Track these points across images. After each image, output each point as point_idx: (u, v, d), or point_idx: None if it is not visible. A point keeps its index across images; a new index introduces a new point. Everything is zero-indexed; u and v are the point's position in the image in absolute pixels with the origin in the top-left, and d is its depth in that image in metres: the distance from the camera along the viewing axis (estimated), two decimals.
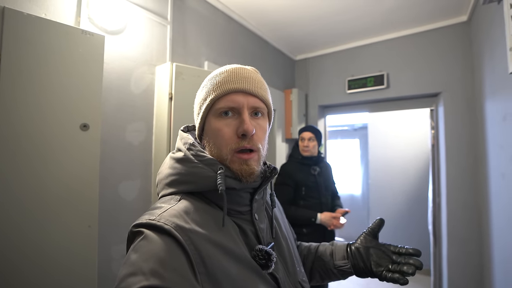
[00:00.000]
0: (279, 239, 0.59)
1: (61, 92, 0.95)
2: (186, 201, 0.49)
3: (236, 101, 0.52)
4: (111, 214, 1.28)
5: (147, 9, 1.45)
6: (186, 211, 0.47)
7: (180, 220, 0.44)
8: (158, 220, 0.43)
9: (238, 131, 0.51)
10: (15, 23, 0.85)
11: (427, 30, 2.27)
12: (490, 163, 1.67)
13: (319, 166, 1.93)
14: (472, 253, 2.02)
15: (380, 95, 2.48)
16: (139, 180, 1.41)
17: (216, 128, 0.52)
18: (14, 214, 0.84)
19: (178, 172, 0.52)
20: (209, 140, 0.55)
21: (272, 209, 0.61)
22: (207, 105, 0.54)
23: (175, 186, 0.52)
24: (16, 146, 0.85)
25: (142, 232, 0.43)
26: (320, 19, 2.17)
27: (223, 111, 0.52)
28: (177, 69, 1.39)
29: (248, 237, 0.52)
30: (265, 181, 0.56)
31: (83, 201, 0.99)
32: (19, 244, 0.84)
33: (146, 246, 0.40)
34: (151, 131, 1.46)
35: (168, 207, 0.47)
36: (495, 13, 1.46)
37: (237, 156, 0.51)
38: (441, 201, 2.34)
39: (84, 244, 0.98)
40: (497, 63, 1.48)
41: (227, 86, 0.52)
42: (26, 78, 0.87)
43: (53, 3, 1.09)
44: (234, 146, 0.51)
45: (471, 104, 2.07)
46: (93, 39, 1.02)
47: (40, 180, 0.89)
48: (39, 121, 0.90)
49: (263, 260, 0.49)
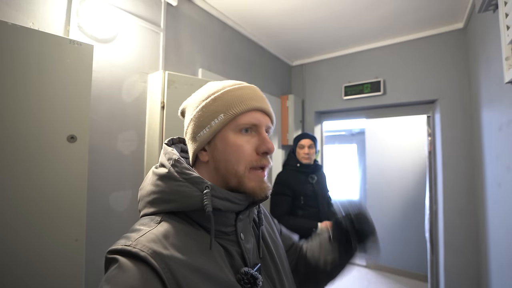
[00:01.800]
0: (267, 259, 0.57)
1: (47, 104, 0.92)
2: (166, 223, 0.47)
3: (258, 119, 0.52)
4: (101, 225, 1.25)
5: (139, 16, 1.44)
6: (165, 235, 0.45)
7: (158, 245, 0.42)
8: (133, 246, 0.41)
9: (261, 149, 0.51)
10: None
11: (424, 36, 2.27)
12: (487, 172, 1.66)
13: (316, 175, 1.90)
14: (469, 260, 2.00)
15: (377, 102, 2.47)
16: (131, 190, 1.38)
17: (237, 144, 0.51)
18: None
19: (161, 190, 0.50)
20: (218, 155, 0.52)
21: (259, 228, 0.59)
22: (227, 118, 0.51)
23: (158, 205, 0.50)
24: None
25: (116, 259, 0.40)
26: (316, 24, 2.16)
27: (244, 128, 0.52)
28: (170, 77, 1.37)
29: (234, 259, 0.50)
30: (251, 205, 0.54)
31: (69, 214, 0.96)
32: (1, 258, 0.81)
33: (119, 276, 0.38)
34: (143, 140, 1.44)
35: (147, 230, 0.45)
36: (491, 21, 1.45)
37: (256, 173, 0.51)
38: (438, 208, 2.32)
39: (70, 258, 0.95)
40: (493, 72, 1.47)
41: (252, 102, 0.52)
42: (10, 89, 0.85)
43: (41, 12, 1.07)
44: (255, 163, 0.51)
45: (468, 112, 2.06)
46: (81, 49, 1.00)
47: (23, 194, 0.87)
48: (24, 133, 0.88)
49: (248, 284, 0.47)
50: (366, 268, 3.58)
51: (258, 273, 0.50)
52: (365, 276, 3.39)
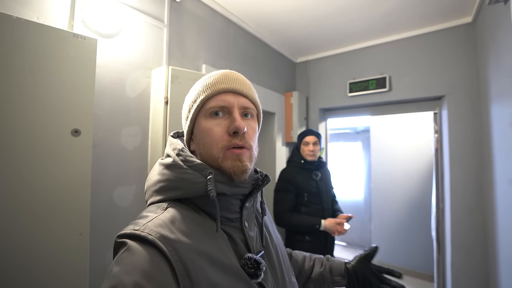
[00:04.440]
0: (269, 248, 0.59)
1: (51, 97, 0.92)
2: (173, 209, 0.48)
3: (226, 100, 0.52)
4: (105, 220, 1.25)
5: (143, 12, 1.43)
6: (172, 220, 0.46)
7: (165, 230, 0.43)
8: (142, 230, 0.43)
9: (230, 129, 0.51)
10: (2, 27, 0.83)
11: (431, 31, 2.22)
12: (496, 169, 1.62)
13: (320, 171, 1.89)
14: (477, 260, 1.96)
15: (382, 98, 2.44)
16: (135, 185, 1.38)
17: (206, 128, 0.52)
18: (1, 221, 0.81)
19: (167, 178, 0.51)
20: (198, 142, 0.54)
21: (262, 217, 0.61)
22: (197, 106, 0.53)
23: (164, 193, 0.51)
24: (3, 152, 0.83)
25: (125, 243, 0.42)
26: (321, 20, 2.13)
27: (213, 111, 0.52)
28: (173, 73, 1.36)
29: (238, 245, 0.52)
30: (257, 189, 0.55)
31: (73, 208, 0.96)
32: (6, 252, 0.82)
33: (129, 258, 0.39)
34: (146, 135, 1.43)
35: (154, 216, 0.46)
36: (501, 13, 1.42)
37: (230, 152, 0.50)
38: (445, 206, 2.28)
39: (75, 252, 0.96)
40: (503, 65, 1.43)
41: (217, 86, 0.53)
42: (14, 83, 0.85)
43: (46, 7, 1.08)
44: (226, 143, 0.50)
45: (476, 107, 2.02)
46: (85, 43, 1.00)
47: (28, 187, 0.87)
48: (28, 127, 0.88)
49: (252, 269, 0.48)
50: None
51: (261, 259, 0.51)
52: None
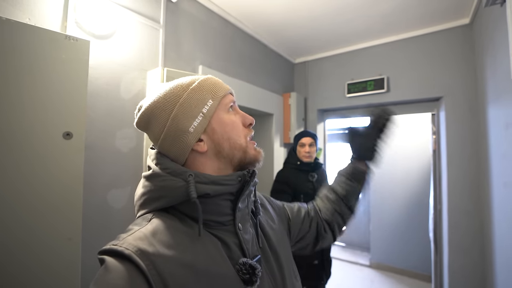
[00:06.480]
0: (266, 250, 0.57)
1: (42, 100, 0.91)
2: (157, 220, 0.47)
3: (232, 98, 0.58)
4: (98, 223, 1.24)
5: (138, 12, 1.42)
6: (154, 232, 0.44)
7: (144, 243, 0.42)
8: (120, 245, 0.41)
9: (247, 122, 0.58)
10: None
11: (428, 32, 2.22)
12: (493, 171, 1.62)
13: (317, 173, 1.88)
14: (474, 261, 1.96)
15: (380, 99, 2.43)
16: (129, 187, 1.37)
17: (232, 120, 0.55)
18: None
19: (149, 190, 0.50)
20: (219, 137, 0.53)
21: (257, 217, 0.59)
22: (216, 102, 0.54)
23: (148, 205, 0.50)
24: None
25: (103, 260, 0.41)
26: (319, 21, 2.12)
27: (230, 106, 0.56)
28: (168, 74, 1.35)
29: (231, 250, 0.49)
30: (246, 186, 0.53)
31: (63, 212, 0.95)
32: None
33: (105, 276, 0.38)
34: (141, 137, 1.42)
35: (137, 229, 0.45)
36: (498, 15, 1.41)
37: (251, 142, 0.57)
38: (442, 208, 2.28)
39: (64, 257, 0.94)
40: (500, 68, 1.43)
41: (226, 86, 0.57)
42: (4, 85, 0.84)
43: (38, 8, 1.06)
44: (248, 133, 0.57)
45: (474, 109, 2.01)
46: (77, 45, 0.99)
47: (17, 191, 0.86)
48: (19, 129, 0.87)
49: (247, 275, 0.46)
50: (369, 268, 3.55)
51: (257, 263, 0.49)
52: (368, 275, 3.36)
